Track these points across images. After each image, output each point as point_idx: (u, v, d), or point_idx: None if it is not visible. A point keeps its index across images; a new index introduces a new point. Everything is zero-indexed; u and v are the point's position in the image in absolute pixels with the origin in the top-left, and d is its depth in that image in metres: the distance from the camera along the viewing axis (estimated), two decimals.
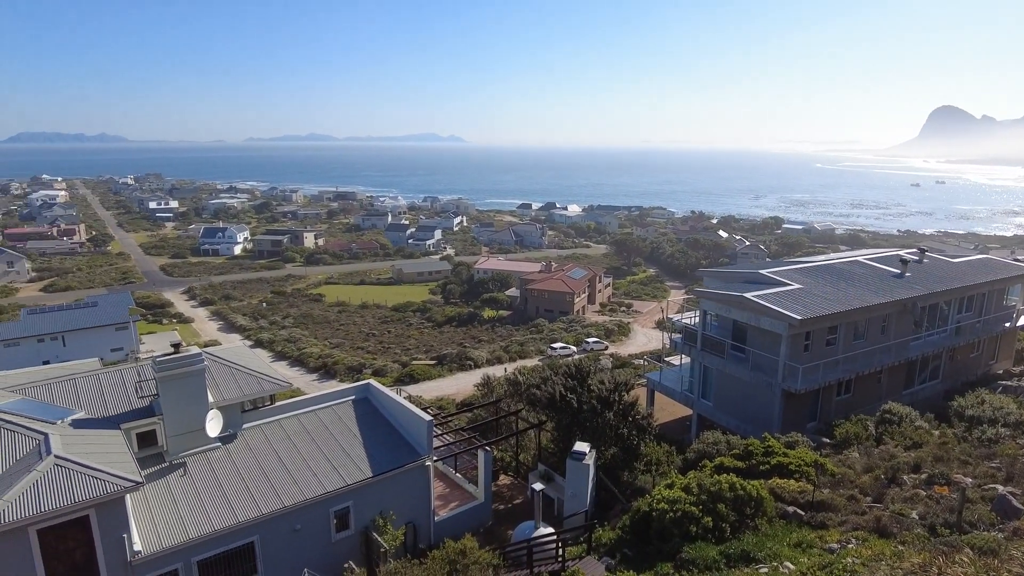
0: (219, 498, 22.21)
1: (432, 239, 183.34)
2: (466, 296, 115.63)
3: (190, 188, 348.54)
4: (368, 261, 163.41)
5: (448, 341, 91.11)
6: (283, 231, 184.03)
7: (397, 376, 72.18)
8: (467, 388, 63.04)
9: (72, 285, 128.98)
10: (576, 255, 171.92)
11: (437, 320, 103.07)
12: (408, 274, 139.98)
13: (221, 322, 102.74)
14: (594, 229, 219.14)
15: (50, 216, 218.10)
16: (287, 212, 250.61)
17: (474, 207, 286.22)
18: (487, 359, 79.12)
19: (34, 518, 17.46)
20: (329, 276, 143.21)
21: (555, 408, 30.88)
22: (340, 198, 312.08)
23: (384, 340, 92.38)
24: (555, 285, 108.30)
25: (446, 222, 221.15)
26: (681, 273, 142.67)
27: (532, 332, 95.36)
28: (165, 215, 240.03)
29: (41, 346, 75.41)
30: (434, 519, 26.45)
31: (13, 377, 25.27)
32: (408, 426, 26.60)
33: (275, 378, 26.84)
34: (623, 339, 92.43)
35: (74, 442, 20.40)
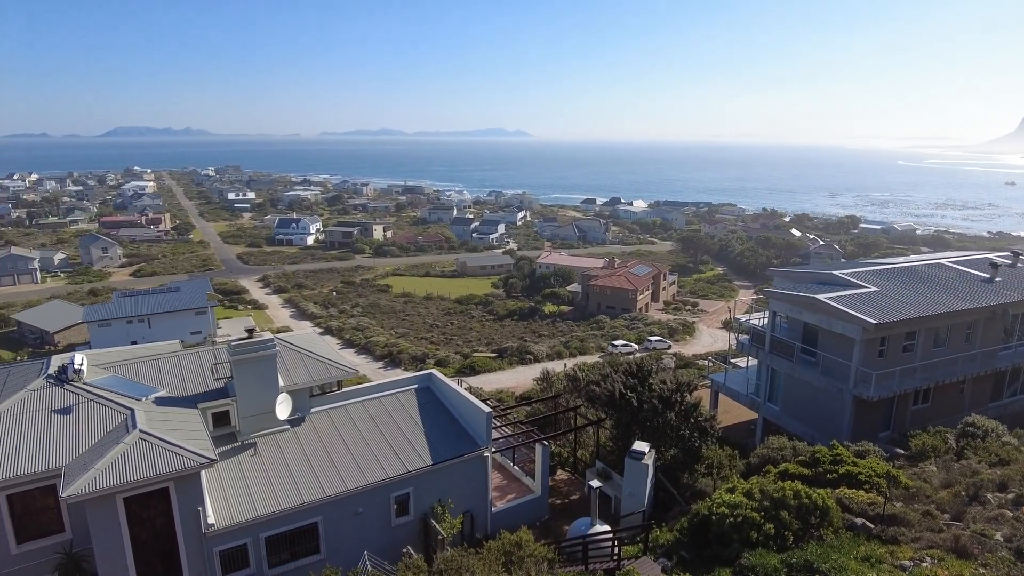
0: (286, 478, 23.18)
1: (495, 233, 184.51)
2: (527, 291, 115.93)
3: (267, 180, 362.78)
4: (433, 254, 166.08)
5: (509, 335, 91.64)
6: (353, 223, 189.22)
7: (458, 367, 73.20)
8: (526, 382, 63.30)
9: (157, 271, 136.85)
10: (640, 252, 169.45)
11: (498, 313, 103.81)
12: (471, 267, 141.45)
13: (293, 309, 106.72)
14: (660, 225, 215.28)
15: (140, 205, 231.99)
16: (358, 205, 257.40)
17: (538, 202, 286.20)
18: (547, 354, 79.17)
19: (120, 487, 18.73)
20: (396, 268, 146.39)
21: (615, 406, 30.64)
22: (408, 192, 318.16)
23: (447, 331, 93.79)
24: (618, 282, 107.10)
25: (510, 217, 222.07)
26: (750, 272, 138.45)
27: (593, 328, 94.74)
28: (243, 206, 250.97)
29: (130, 327, 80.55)
30: (491, 510, 26.77)
31: (105, 355, 27.10)
32: (468, 416, 26.99)
33: (343, 365, 27.72)
34: (687, 339, 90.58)
35: (156, 418, 21.73)
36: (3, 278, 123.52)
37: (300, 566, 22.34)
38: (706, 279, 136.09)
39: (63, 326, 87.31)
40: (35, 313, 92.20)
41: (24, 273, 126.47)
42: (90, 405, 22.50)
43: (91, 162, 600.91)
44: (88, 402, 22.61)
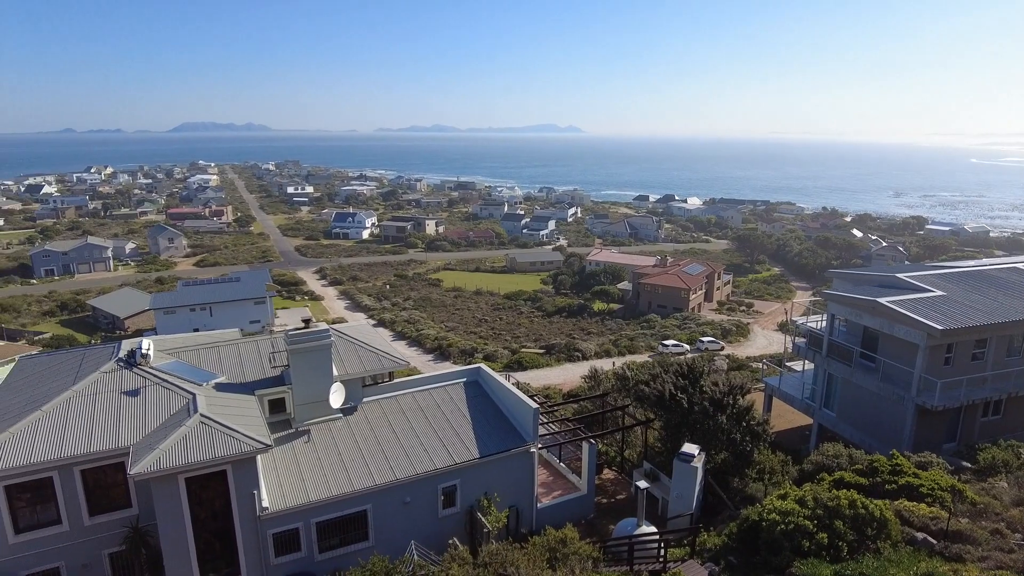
0: (338, 466, 23.79)
1: (546, 229, 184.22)
2: (577, 287, 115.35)
3: (324, 175, 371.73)
4: (484, 249, 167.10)
5: (557, 331, 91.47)
6: (407, 218, 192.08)
7: (506, 362, 73.54)
8: (574, 379, 63.09)
9: (219, 261, 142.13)
10: (694, 250, 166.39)
11: (547, 310, 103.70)
12: (521, 263, 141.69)
13: (348, 301, 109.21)
14: (715, 224, 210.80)
15: (204, 198, 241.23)
16: (411, 200, 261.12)
17: (589, 198, 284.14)
18: (595, 352, 78.70)
19: (182, 468, 19.60)
20: (447, 262, 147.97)
21: (664, 407, 30.24)
22: (460, 187, 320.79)
23: (495, 326, 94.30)
24: (670, 280, 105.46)
25: (560, 213, 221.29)
26: (808, 273, 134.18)
27: (643, 327, 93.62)
28: (301, 199, 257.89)
29: (192, 315, 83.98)
30: (537, 505, 26.84)
31: (170, 341, 28.37)
32: (515, 412, 27.11)
33: (394, 356, 28.25)
34: (741, 340, 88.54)
35: (216, 403, 22.62)
36: (80, 266, 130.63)
37: (349, 552, 22.91)
38: (762, 279, 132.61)
39: (132, 312, 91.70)
40: (107, 299, 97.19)
41: (99, 261, 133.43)
42: (156, 388, 23.62)
43: (160, 156, 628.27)
44: (154, 385, 23.74)
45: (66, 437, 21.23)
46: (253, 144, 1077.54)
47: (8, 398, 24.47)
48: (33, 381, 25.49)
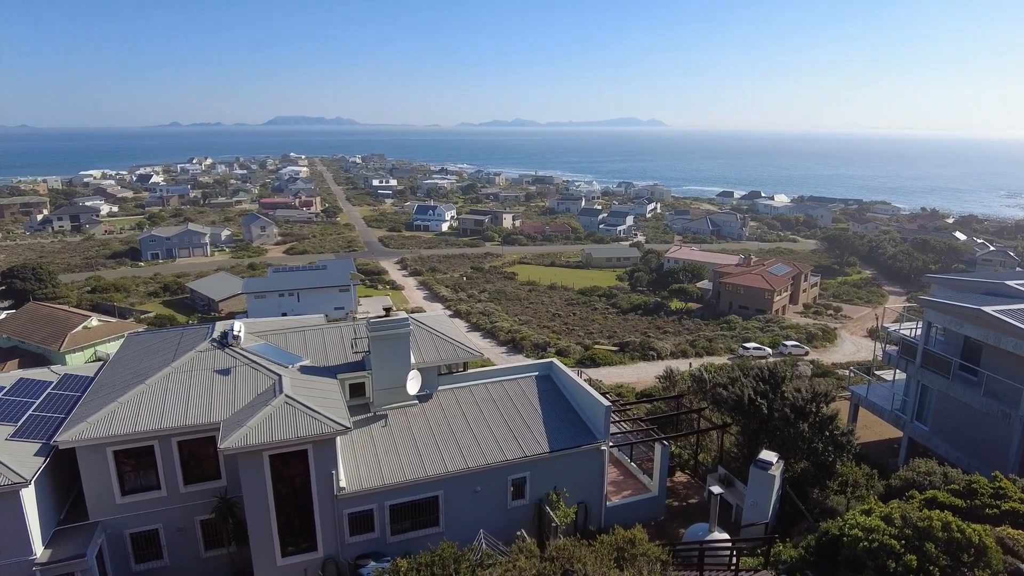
0: (412, 451, 24.46)
1: (623, 225, 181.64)
2: (654, 285, 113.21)
3: (407, 169, 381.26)
4: (559, 244, 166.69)
5: (632, 329, 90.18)
6: (485, 212, 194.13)
7: (579, 358, 73.22)
8: (648, 379, 62.07)
9: (308, 249, 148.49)
10: (780, 249, 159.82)
11: (622, 307, 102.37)
12: (597, 259, 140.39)
13: (426, 291, 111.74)
14: (803, 222, 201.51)
15: (294, 189, 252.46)
16: (489, 194, 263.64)
17: (670, 193, 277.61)
18: (671, 351, 77.08)
19: (267, 445, 20.70)
20: (522, 256, 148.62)
21: (742, 411, 29.30)
22: (538, 182, 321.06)
23: (569, 322, 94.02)
24: (753, 280, 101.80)
25: (639, 208, 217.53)
26: (904, 277, 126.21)
27: (723, 328, 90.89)
28: (385, 192, 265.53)
29: (281, 300, 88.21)
30: (606, 504, 26.67)
31: (260, 324, 29.95)
32: (587, 408, 26.99)
33: (469, 347, 28.72)
34: (827, 345, 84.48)
35: (300, 385, 23.72)
36: (181, 250, 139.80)
37: (420, 536, 23.54)
38: (852, 282, 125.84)
39: (226, 296, 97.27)
40: (204, 283, 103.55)
41: (197, 247, 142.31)
42: (245, 368, 25.01)
43: (255, 148, 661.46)
44: (244, 365, 25.15)
45: (165, 410, 22.87)
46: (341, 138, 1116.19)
47: (118, 371, 26.58)
48: (138, 356, 27.56)
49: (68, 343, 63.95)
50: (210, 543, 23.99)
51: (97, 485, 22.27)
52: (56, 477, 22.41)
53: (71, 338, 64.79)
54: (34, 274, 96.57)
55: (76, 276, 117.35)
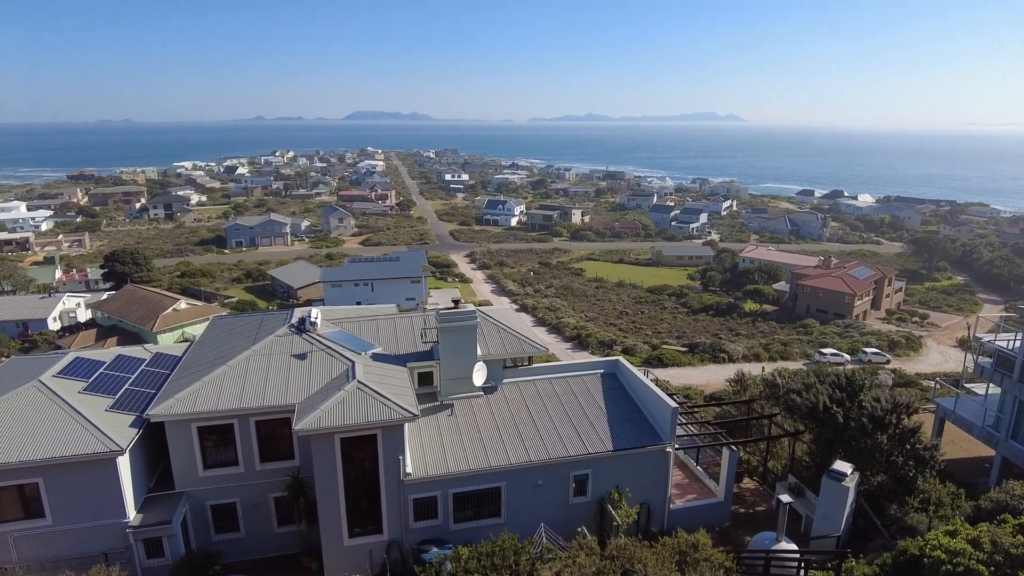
0: (476, 441, 24.84)
1: (696, 223, 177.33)
2: (727, 285, 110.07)
3: (479, 163, 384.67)
4: (629, 241, 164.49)
5: (702, 330, 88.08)
6: (554, 207, 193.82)
7: (646, 357, 72.19)
8: (717, 381, 60.55)
9: (382, 241, 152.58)
10: (863, 252, 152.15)
11: (693, 307, 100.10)
12: (667, 257, 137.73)
13: (494, 285, 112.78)
14: (889, 224, 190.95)
15: (370, 182, 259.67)
16: (559, 189, 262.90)
17: (746, 191, 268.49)
18: (743, 354, 74.86)
19: (339, 428, 21.51)
20: (591, 252, 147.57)
21: (816, 419, 28.18)
22: (609, 177, 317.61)
23: (637, 320, 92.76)
24: (832, 283, 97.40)
25: (714, 206, 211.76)
26: (1001, 285, 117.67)
27: (798, 332, 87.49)
28: (457, 186, 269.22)
29: (356, 289, 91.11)
30: (669, 506, 26.28)
31: (335, 312, 31.07)
32: (652, 409, 26.64)
33: (535, 342, 28.86)
34: (911, 354, 79.92)
35: (372, 372, 24.48)
36: (263, 239, 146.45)
37: (481, 526, 23.89)
38: (941, 289, 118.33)
39: (304, 283, 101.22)
40: (284, 270, 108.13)
41: (278, 236, 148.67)
42: (321, 354, 26.03)
43: (334, 142, 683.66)
44: (319, 351, 26.17)
45: (245, 390, 24.10)
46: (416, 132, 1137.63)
47: (203, 352, 28.20)
48: (222, 338, 29.13)
49: (160, 324, 68.31)
50: (282, 520, 25.17)
51: (182, 458, 23.76)
52: (147, 448, 24.05)
53: (162, 319, 69.16)
54: (132, 258, 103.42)
55: (168, 261, 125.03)
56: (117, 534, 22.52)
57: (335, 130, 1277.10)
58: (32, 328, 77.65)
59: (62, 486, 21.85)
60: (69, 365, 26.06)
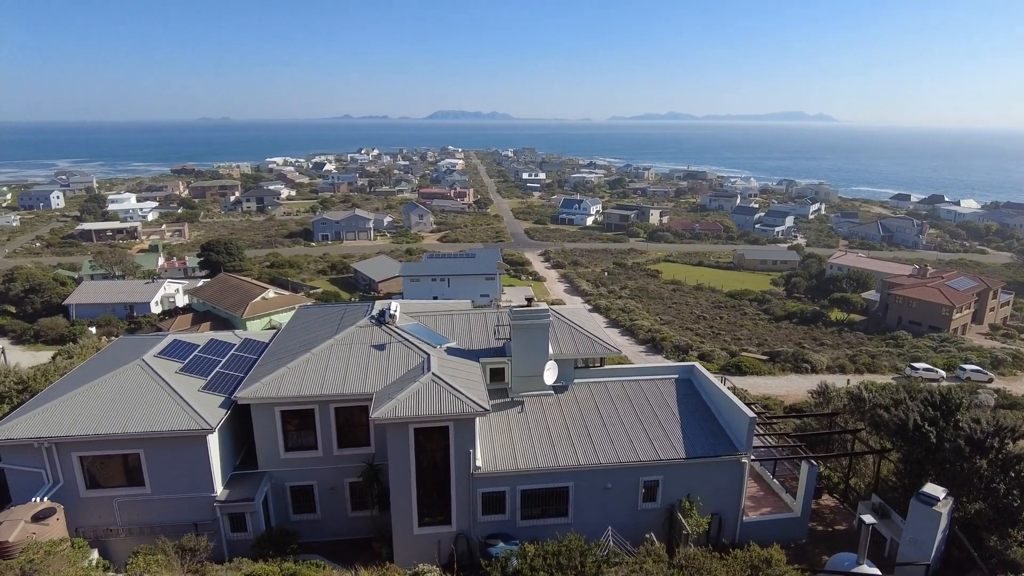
0: (546, 440, 24.90)
1: (782, 226, 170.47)
2: (813, 292, 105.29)
3: (556, 162, 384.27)
4: (709, 243, 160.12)
5: (784, 338, 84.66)
6: (631, 207, 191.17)
7: (723, 364, 70.09)
8: (798, 392, 58.12)
9: (459, 238, 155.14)
10: (964, 261, 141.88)
11: (775, 313, 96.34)
12: (750, 260, 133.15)
13: (567, 284, 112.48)
14: (996, 232, 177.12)
15: (449, 180, 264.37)
16: (637, 189, 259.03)
17: (836, 194, 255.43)
18: (827, 365, 71.43)
19: (413, 418, 22.09)
20: (668, 254, 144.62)
21: (905, 437, 26.57)
22: (690, 177, 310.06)
23: (715, 325, 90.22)
24: (928, 294, 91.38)
25: (801, 208, 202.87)
26: None
27: (888, 344, 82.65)
28: (534, 185, 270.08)
29: (433, 284, 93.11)
30: (742, 518, 25.49)
31: (413, 306, 31.92)
32: (728, 417, 25.89)
33: (607, 343, 28.63)
34: (1018, 374, 73.93)
35: (446, 365, 24.98)
36: (348, 233, 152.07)
37: (548, 525, 23.94)
38: None
39: (385, 277, 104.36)
40: (366, 264, 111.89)
41: (362, 231, 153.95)
42: (398, 345, 26.80)
43: (416, 140, 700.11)
44: (397, 343, 26.95)
45: (326, 378, 25.13)
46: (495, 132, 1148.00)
47: (288, 339, 29.61)
48: (306, 327, 30.48)
49: (249, 311, 72.13)
50: (356, 504, 26.11)
51: (266, 439, 25.05)
52: (234, 428, 25.49)
53: (252, 307, 73.00)
54: (226, 248, 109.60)
55: (258, 252, 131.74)
56: (206, 507, 24.01)
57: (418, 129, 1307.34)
58: (137, 311, 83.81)
59: (159, 458, 23.51)
60: (168, 346, 27.97)
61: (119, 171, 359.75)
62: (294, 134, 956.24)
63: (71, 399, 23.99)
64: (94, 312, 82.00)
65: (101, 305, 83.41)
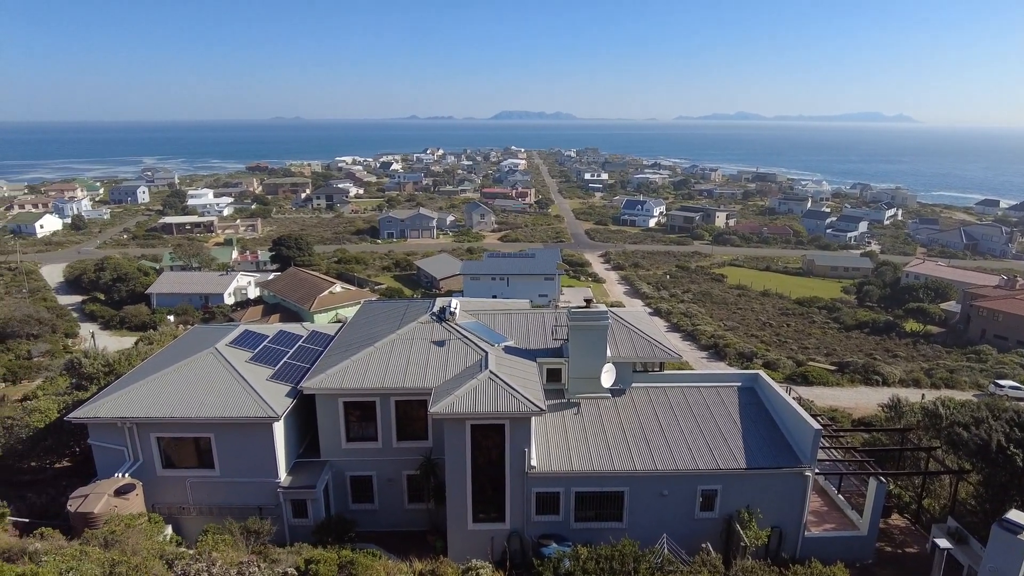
0: (602, 443, 24.72)
1: (855, 231, 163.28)
2: (886, 301, 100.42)
3: (620, 163, 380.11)
4: (777, 247, 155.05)
5: (855, 348, 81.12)
6: (696, 209, 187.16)
7: (789, 373, 67.74)
8: (868, 405, 55.57)
9: (519, 238, 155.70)
10: None
11: (846, 322, 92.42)
12: (820, 267, 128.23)
13: (627, 287, 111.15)
14: None
15: (512, 180, 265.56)
16: (703, 190, 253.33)
17: (915, 199, 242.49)
18: (900, 378, 67.98)
19: (470, 414, 22.34)
20: (734, 258, 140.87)
21: (987, 459, 25.04)
22: (758, 179, 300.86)
23: (781, 333, 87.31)
24: (1018, 307, 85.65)
25: (876, 213, 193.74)
26: None
27: (969, 359, 77.93)
28: (596, 186, 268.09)
29: (493, 283, 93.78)
30: (804, 533, 24.61)
31: (473, 304, 32.30)
32: (792, 428, 25.05)
33: (667, 347, 28.17)
34: None
35: (504, 364, 25.15)
36: (412, 231, 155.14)
37: (602, 528, 23.77)
38: None
39: (446, 275, 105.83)
40: (429, 262, 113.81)
41: (425, 229, 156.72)
42: (458, 342, 27.16)
43: (480, 141, 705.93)
44: (456, 340, 27.31)
45: (388, 371, 25.72)
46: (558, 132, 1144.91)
47: (352, 333, 30.45)
48: (370, 322, 31.27)
49: (317, 304, 74.53)
50: (413, 497, 26.62)
51: (329, 429, 25.85)
52: (299, 417, 26.42)
53: (319, 300, 75.41)
54: (296, 243, 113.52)
55: (326, 248, 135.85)
56: (270, 491, 24.99)
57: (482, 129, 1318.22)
58: (211, 301, 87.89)
59: (228, 443, 24.62)
60: (239, 336, 29.24)
61: (198, 168, 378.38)
62: (363, 134, 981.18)
63: (150, 383, 25.41)
64: (172, 301, 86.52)
65: (179, 295, 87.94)
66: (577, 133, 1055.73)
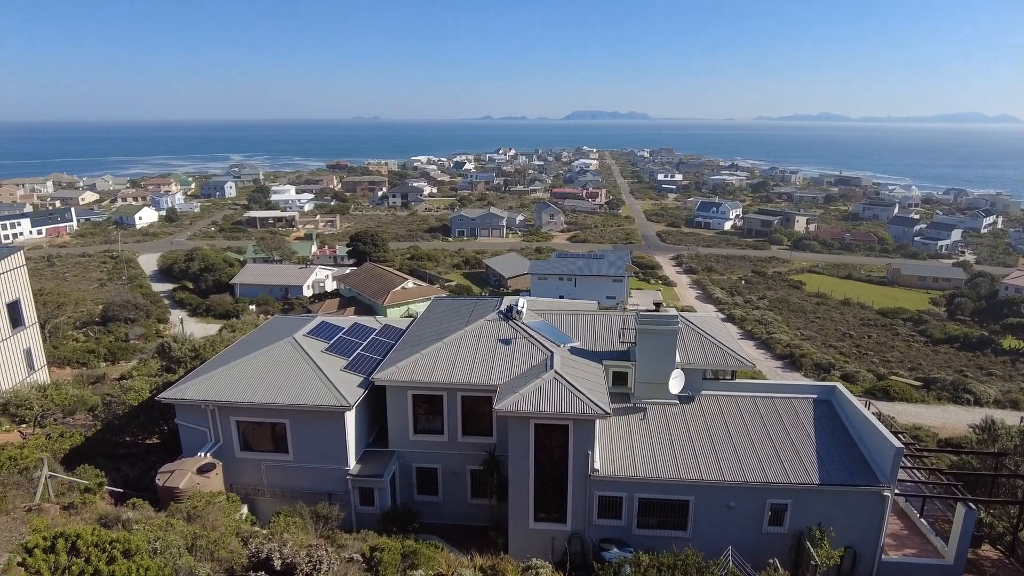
0: (667, 450, 24.29)
1: (946, 239, 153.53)
2: (981, 315, 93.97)
3: (695, 163, 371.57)
4: (860, 255, 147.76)
5: (943, 363, 76.35)
6: (775, 212, 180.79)
7: (869, 387, 64.43)
8: (956, 425, 52.13)
9: (588, 239, 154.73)
10: None
11: (933, 336, 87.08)
12: (906, 276, 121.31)
13: (699, 291, 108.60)
14: None
15: (583, 180, 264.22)
16: (782, 193, 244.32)
17: (1018, 206, 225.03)
18: (995, 398, 63.41)
19: (533, 413, 22.43)
20: (814, 264, 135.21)
21: None
22: (842, 183, 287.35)
23: (862, 344, 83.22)
24: None
25: (972, 221, 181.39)
26: None
27: None
28: (669, 187, 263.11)
29: (560, 283, 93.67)
30: (881, 556, 23.38)
31: (539, 303, 32.41)
32: (871, 445, 23.86)
33: (740, 355, 27.37)
34: None
35: (568, 364, 25.10)
36: (482, 230, 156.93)
37: (665, 536, 23.34)
38: None
39: (514, 274, 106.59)
40: (498, 260, 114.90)
41: (495, 228, 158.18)
42: (524, 341, 27.31)
43: (552, 141, 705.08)
44: (523, 338, 27.47)
45: (455, 367, 26.16)
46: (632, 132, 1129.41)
47: (423, 327, 31.12)
48: (440, 317, 31.88)
49: (390, 299, 76.60)
50: (476, 492, 26.96)
51: (397, 420, 26.53)
52: (369, 408, 27.24)
53: (392, 295, 77.46)
54: (372, 240, 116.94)
55: (400, 244, 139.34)
56: (339, 479, 25.88)
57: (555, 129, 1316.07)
58: (291, 293, 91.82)
59: (302, 429, 25.67)
60: (316, 327, 30.41)
61: (281, 165, 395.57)
62: (438, 133, 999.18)
63: (232, 368, 26.80)
64: (254, 292, 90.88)
65: (261, 286, 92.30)
66: (651, 133, 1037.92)
